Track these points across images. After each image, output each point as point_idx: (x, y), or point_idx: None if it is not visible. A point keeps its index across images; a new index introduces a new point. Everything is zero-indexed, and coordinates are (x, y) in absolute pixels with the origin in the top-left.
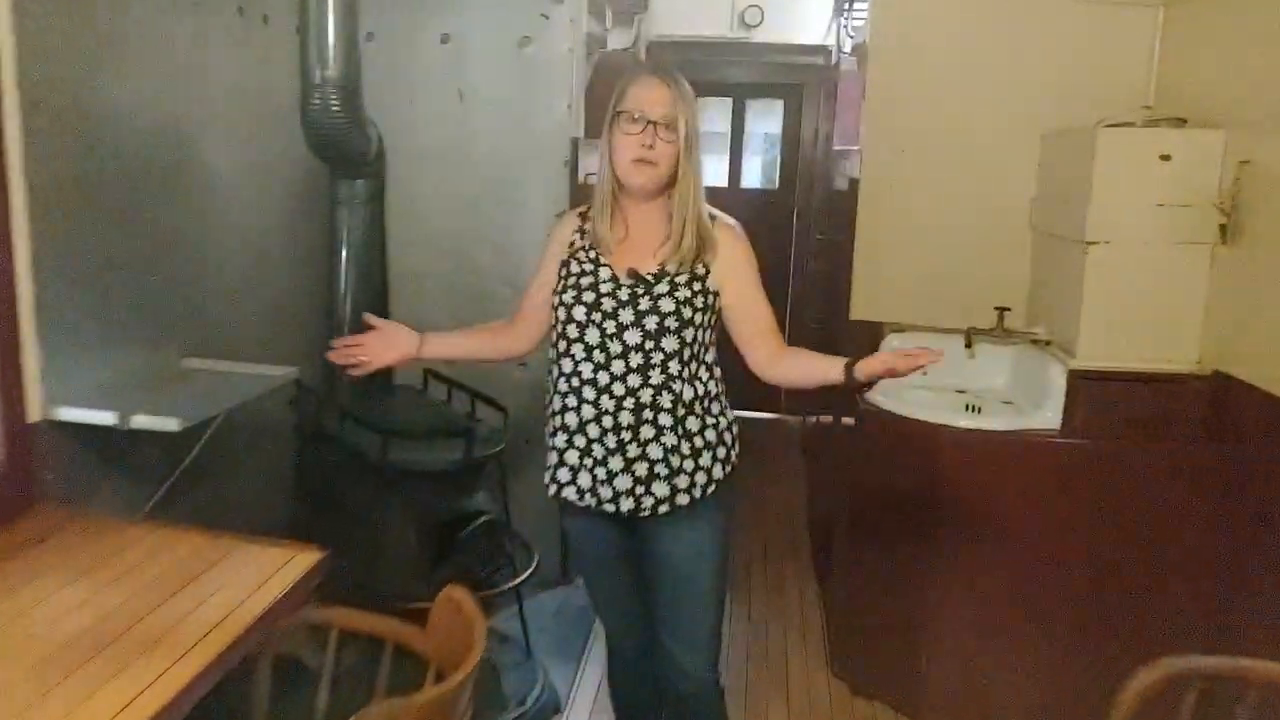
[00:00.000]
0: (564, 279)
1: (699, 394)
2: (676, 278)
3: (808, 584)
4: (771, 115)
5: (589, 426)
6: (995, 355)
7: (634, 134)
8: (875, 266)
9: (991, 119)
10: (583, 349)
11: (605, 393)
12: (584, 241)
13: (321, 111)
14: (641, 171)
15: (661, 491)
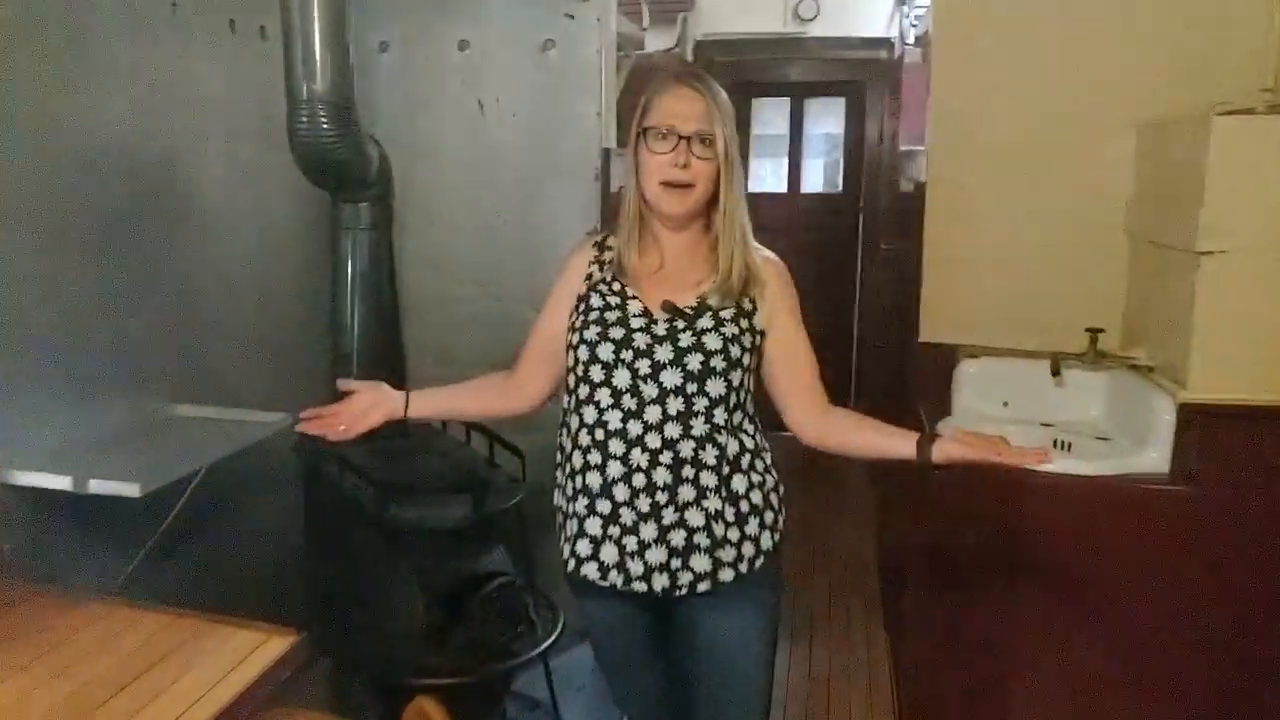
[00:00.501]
0: (583, 314)
1: (745, 448)
2: (721, 312)
3: (876, 633)
4: (832, 114)
5: (616, 488)
6: (1087, 384)
7: (664, 153)
8: (946, 282)
9: (1078, 109)
10: (609, 394)
11: (637, 446)
12: (604, 273)
13: (310, 130)
14: (674, 196)
15: (702, 565)
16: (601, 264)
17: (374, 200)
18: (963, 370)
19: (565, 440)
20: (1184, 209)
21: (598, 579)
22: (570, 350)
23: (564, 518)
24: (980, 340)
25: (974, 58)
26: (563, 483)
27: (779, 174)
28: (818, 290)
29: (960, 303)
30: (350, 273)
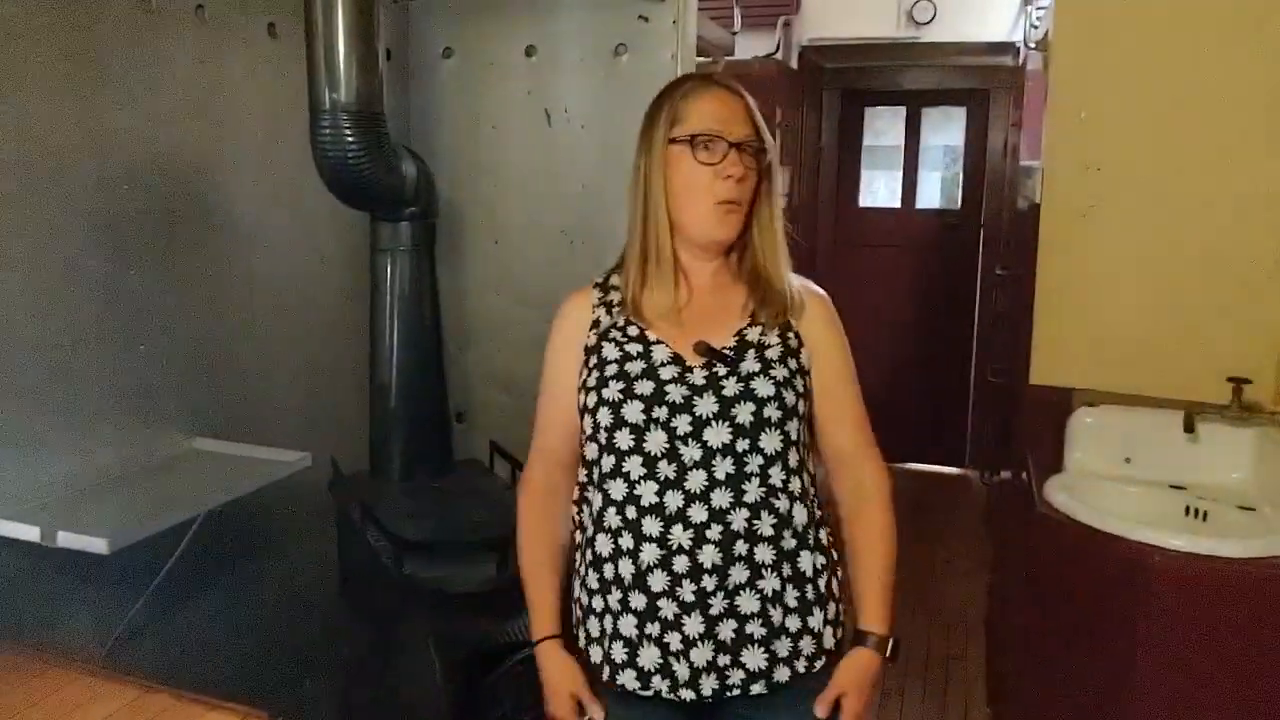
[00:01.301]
0: (597, 369)
1: (813, 517)
2: (767, 351)
3: (976, 710)
4: (952, 125)
5: (652, 576)
6: (1229, 441)
7: (712, 163)
8: (1063, 316)
9: (1226, 116)
10: (641, 463)
11: (678, 522)
12: (614, 319)
13: (333, 143)
14: (728, 220)
15: (755, 663)
16: (608, 306)
17: (413, 219)
18: (1078, 419)
19: (586, 521)
20: None
21: (638, 688)
22: (587, 415)
23: (585, 613)
24: (1101, 385)
25: (1099, 60)
26: (584, 573)
27: (893, 188)
28: (934, 315)
29: (1079, 341)
30: (389, 297)
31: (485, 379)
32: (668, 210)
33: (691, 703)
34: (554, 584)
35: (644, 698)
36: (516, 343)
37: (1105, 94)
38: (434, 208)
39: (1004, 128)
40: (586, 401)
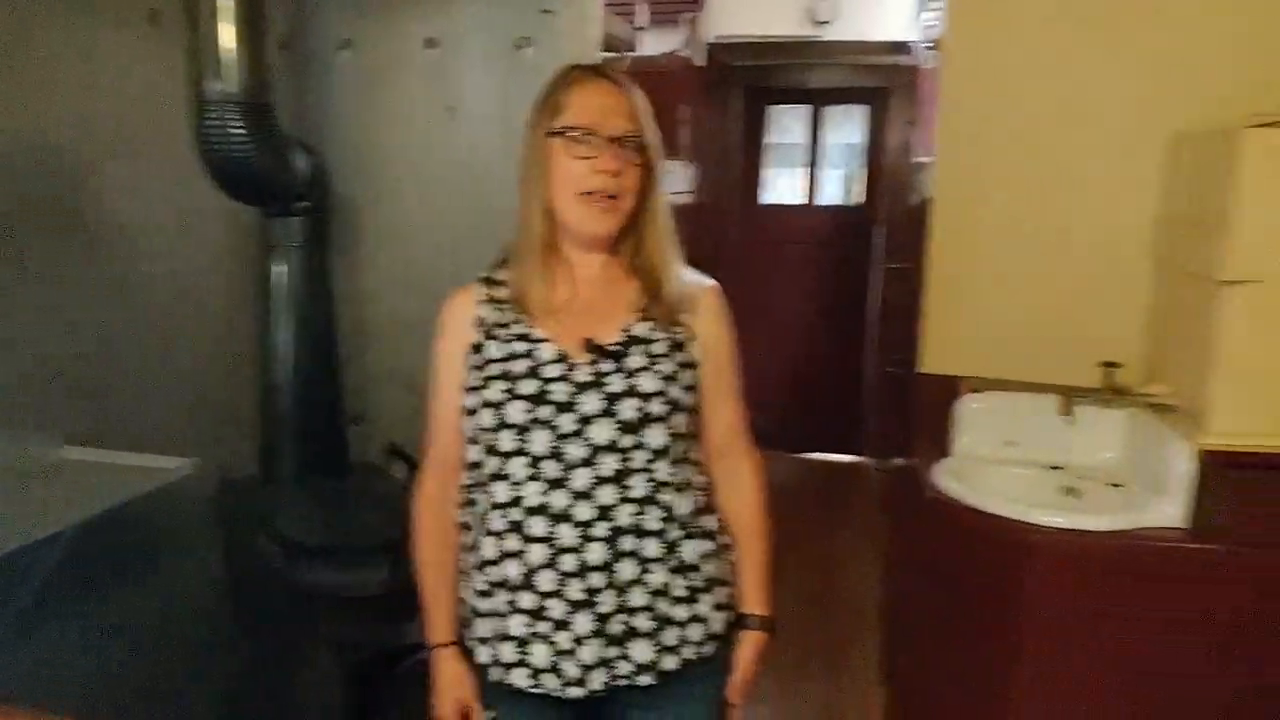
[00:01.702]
0: (479, 368)
1: (697, 505)
2: (652, 346)
3: (873, 689)
4: (853, 123)
5: (539, 576)
6: (1101, 422)
7: (585, 157)
8: (950, 307)
9: (1100, 119)
10: (525, 464)
11: (565, 521)
12: (499, 315)
13: (218, 134)
14: (598, 211)
15: (643, 655)
16: (495, 302)
17: (306, 214)
18: (964, 405)
19: (471, 524)
20: (1211, 232)
21: (528, 686)
22: (468, 417)
23: (473, 615)
24: (986, 372)
25: (988, 62)
26: (471, 575)
27: (795, 185)
28: (832, 309)
29: (965, 330)
30: (281, 295)
31: (385, 379)
32: (548, 201)
33: (582, 699)
34: (450, 587)
35: (533, 695)
36: (419, 341)
37: (993, 94)
38: (327, 202)
39: (902, 126)
40: (467, 403)
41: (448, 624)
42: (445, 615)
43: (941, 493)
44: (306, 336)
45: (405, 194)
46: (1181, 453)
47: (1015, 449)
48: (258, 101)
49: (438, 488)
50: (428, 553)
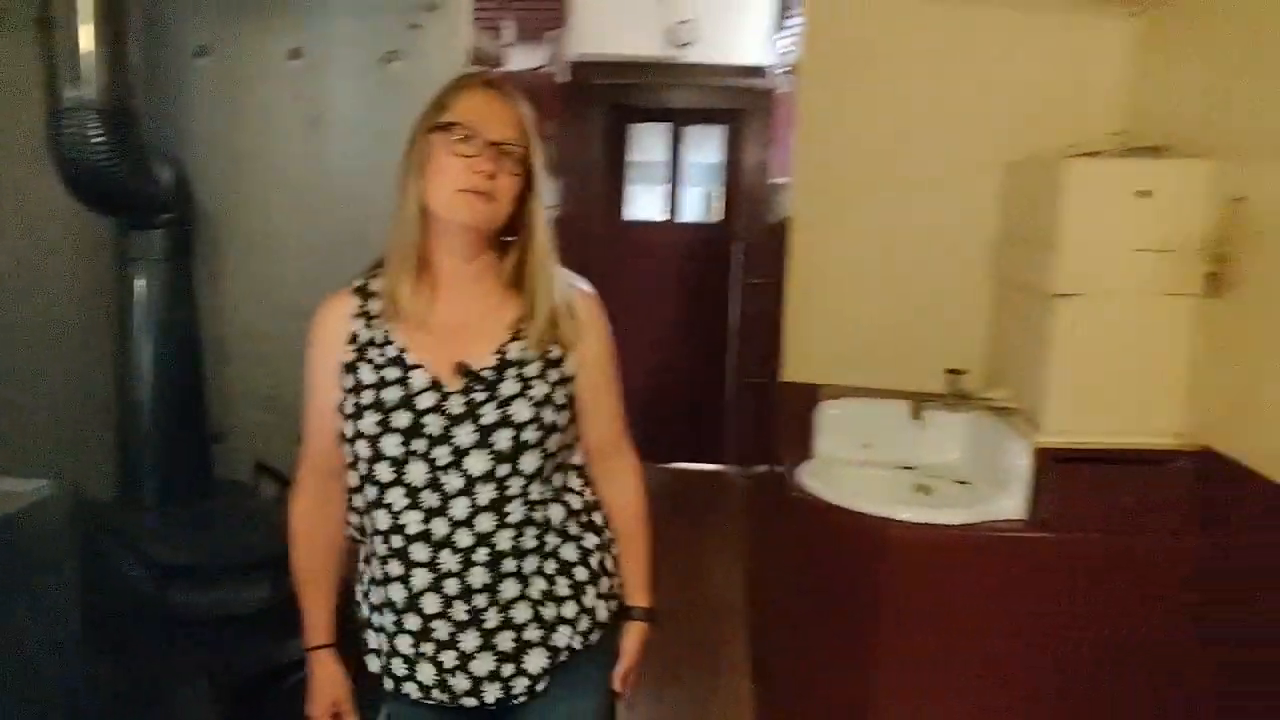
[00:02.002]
0: (355, 395)
1: (572, 510)
2: (525, 369)
3: (742, 684)
4: (711, 142)
5: (424, 600)
6: (948, 425)
7: (466, 155)
8: (810, 320)
9: (942, 147)
10: (403, 494)
11: (445, 548)
12: (372, 332)
13: (76, 142)
14: (473, 206)
15: (537, 664)
16: (368, 317)
17: (169, 225)
18: (824, 412)
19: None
20: (1041, 251)
21: (420, 698)
22: (345, 444)
23: (364, 625)
24: (843, 380)
25: (841, 91)
26: (365, 585)
27: (657, 202)
28: (693, 323)
29: (823, 342)
30: (141, 310)
31: (247, 397)
32: (424, 198)
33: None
34: (328, 592)
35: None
36: (283, 357)
37: (846, 120)
38: (192, 214)
39: (758, 146)
40: (345, 430)
41: (325, 627)
42: (322, 618)
43: (805, 492)
44: (168, 354)
45: (268, 206)
46: (1020, 451)
47: (871, 451)
48: (120, 108)
49: (315, 495)
50: (303, 560)
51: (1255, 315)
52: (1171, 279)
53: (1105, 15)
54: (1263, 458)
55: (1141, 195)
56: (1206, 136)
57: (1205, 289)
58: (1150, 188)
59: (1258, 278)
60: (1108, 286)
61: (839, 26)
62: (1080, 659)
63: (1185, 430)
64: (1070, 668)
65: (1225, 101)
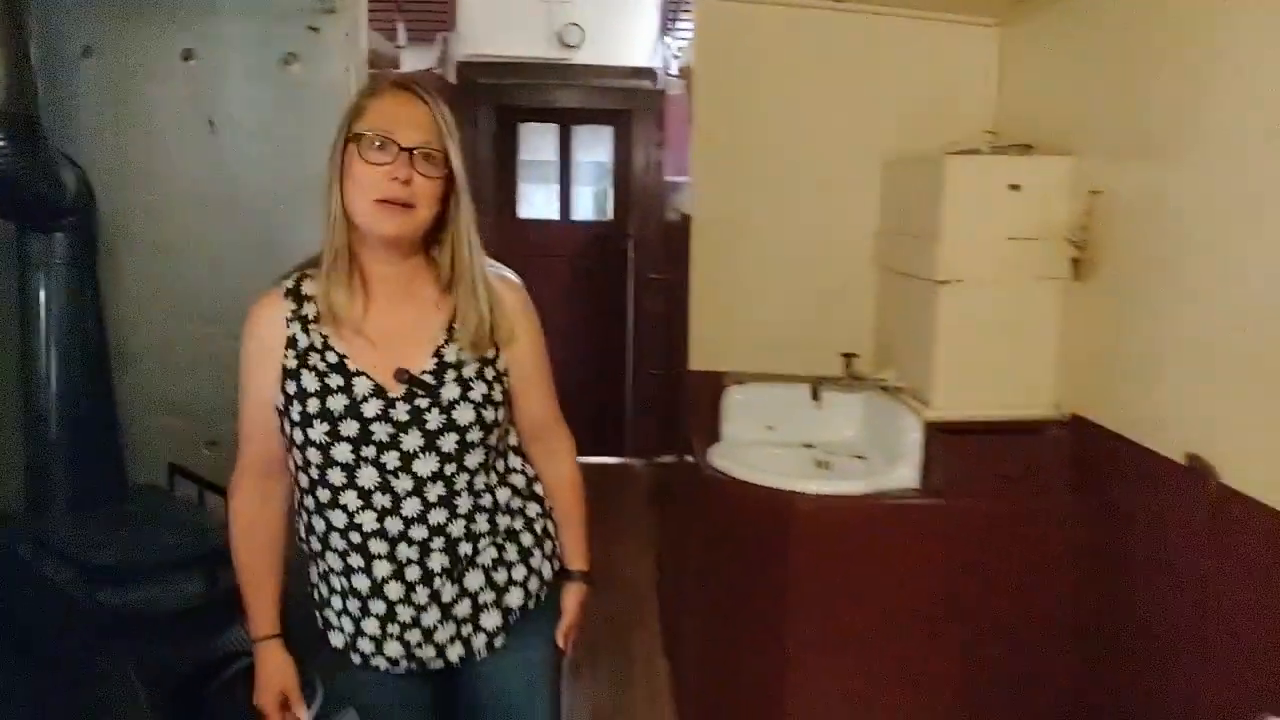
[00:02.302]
0: (300, 403)
1: (516, 489)
2: (464, 370)
3: (657, 660)
4: (601, 142)
5: (388, 587)
6: (844, 405)
7: (381, 164)
8: (714, 311)
9: (829, 147)
10: (356, 496)
11: (401, 541)
12: (310, 338)
13: None
14: (393, 217)
15: (493, 622)
16: (304, 321)
17: (72, 230)
18: (730, 397)
19: (312, 540)
20: (924, 242)
21: (389, 668)
22: (295, 449)
23: (327, 610)
24: (747, 367)
25: (733, 93)
26: (319, 576)
27: (550, 201)
28: (592, 318)
29: (727, 331)
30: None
31: (146, 404)
32: (346, 206)
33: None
34: (272, 586)
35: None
36: (183, 362)
37: (740, 122)
38: (95, 218)
39: (647, 146)
40: (294, 436)
41: (269, 619)
42: (267, 611)
43: (716, 471)
44: (74, 360)
45: (164, 210)
46: (911, 426)
47: (774, 432)
48: (23, 113)
49: (253, 491)
50: (245, 554)
51: (1111, 295)
52: (1041, 265)
53: (974, 24)
54: (1124, 422)
55: (1012, 189)
56: (1067, 135)
57: (1070, 273)
58: (1020, 182)
59: (1113, 262)
60: (984, 273)
61: (728, 33)
62: (972, 613)
63: (1058, 401)
64: (963, 622)
65: (1082, 104)
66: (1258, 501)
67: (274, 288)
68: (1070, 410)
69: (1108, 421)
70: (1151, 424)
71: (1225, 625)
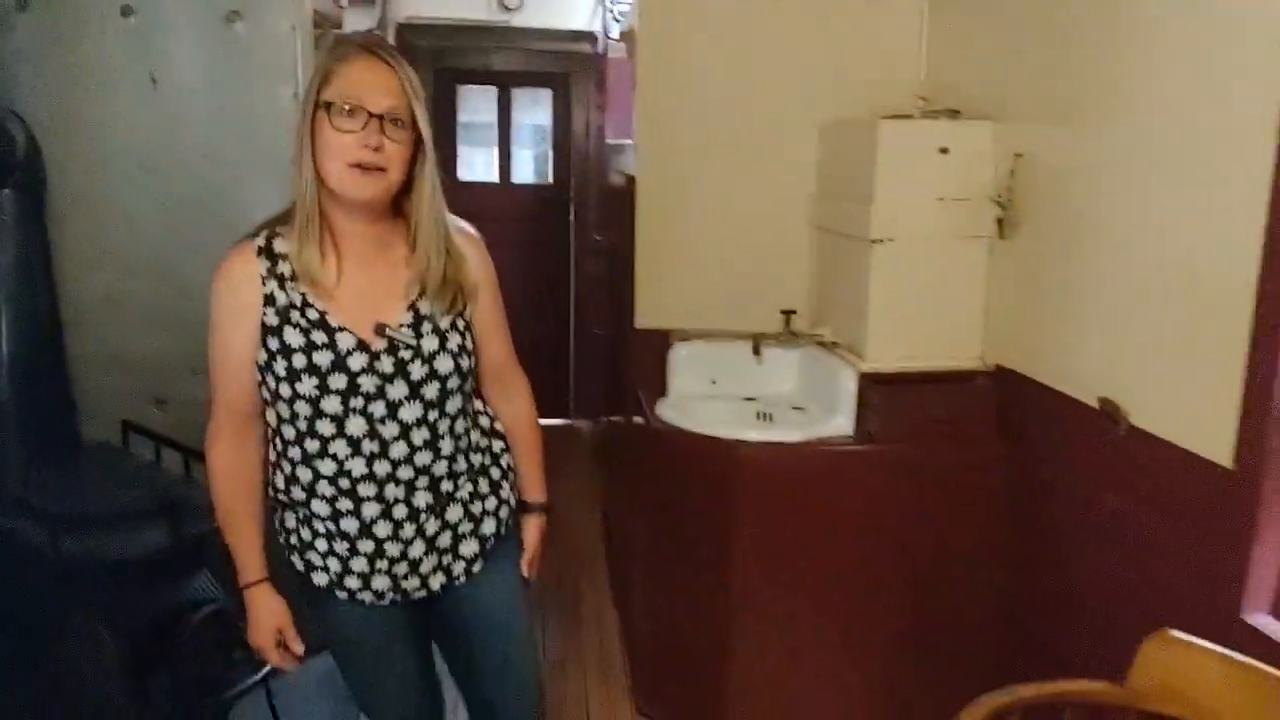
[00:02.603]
0: (285, 359)
1: (484, 428)
2: (440, 321)
3: (607, 612)
4: (540, 106)
5: (376, 526)
6: (784, 360)
7: (352, 130)
8: (658, 271)
9: (767, 111)
10: (346, 444)
11: (389, 482)
12: (289, 295)
13: None
14: (365, 181)
15: (470, 550)
16: (280, 279)
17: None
18: (675, 353)
19: (294, 490)
20: (858, 203)
21: (375, 601)
22: (282, 403)
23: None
24: (691, 324)
25: (676, 58)
26: (299, 522)
27: (489, 164)
28: (534, 280)
29: (672, 290)
30: None
31: (91, 362)
32: (317, 170)
33: None
34: (255, 530)
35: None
36: (128, 319)
37: (682, 85)
38: (43, 174)
39: (587, 109)
40: (280, 391)
41: (257, 563)
42: (253, 556)
43: (663, 423)
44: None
45: (107, 166)
46: (847, 377)
47: (718, 386)
48: None
49: (231, 440)
50: (229, 502)
51: (1031, 253)
52: (967, 224)
53: None
54: (1043, 371)
55: (941, 152)
56: (992, 101)
57: (995, 232)
58: (948, 145)
59: (1033, 221)
60: (915, 232)
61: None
62: (906, 550)
63: (983, 352)
64: (898, 558)
65: (1006, 71)
66: (1162, 439)
67: (242, 245)
68: (995, 361)
69: (1028, 371)
70: (1067, 372)
71: (1133, 553)
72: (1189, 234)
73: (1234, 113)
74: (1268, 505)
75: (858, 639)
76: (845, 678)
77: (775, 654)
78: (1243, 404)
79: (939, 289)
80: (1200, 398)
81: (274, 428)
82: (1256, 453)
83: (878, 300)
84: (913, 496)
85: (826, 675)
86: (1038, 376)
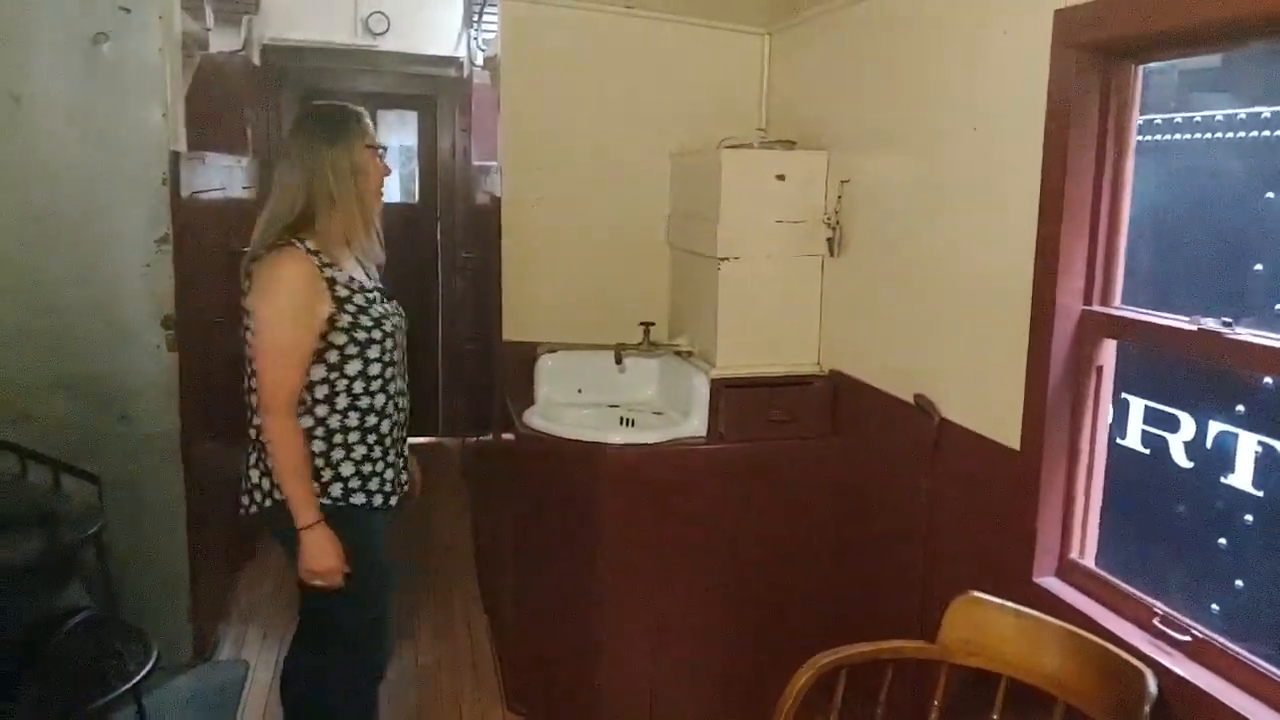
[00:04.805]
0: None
1: None
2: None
3: (477, 618)
4: (406, 127)
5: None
6: (644, 368)
7: (384, 165)
8: (525, 286)
9: (624, 137)
10: (395, 371)
11: (403, 395)
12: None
13: None
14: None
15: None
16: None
17: None
18: (542, 364)
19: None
20: (706, 224)
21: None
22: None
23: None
24: (557, 337)
25: (538, 85)
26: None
27: None
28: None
29: (538, 305)
30: None
31: None
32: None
33: None
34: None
35: None
36: None
37: (545, 111)
38: None
39: (451, 131)
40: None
41: (317, 506)
42: (314, 501)
43: (532, 430)
44: None
45: None
46: (700, 383)
47: (583, 394)
48: None
49: (290, 417)
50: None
51: (857, 269)
52: (803, 244)
53: (747, 32)
54: (869, 372)
55: (779, 179)
56: (822, 133)
57: (827, 250)
58: (785, 172)
59: (858, 240)
60: (757, 251)
61: (531, 31)
62: (754, 536)
63: (820, 358)
64: (747, 544)
65: (833, 105)
66: (966, 428)
67: (287, 250)
68: (829, 365)
69: (857, 373)
70: (889, 373)
71: (946, 527)
72: (981, 252)
73: (1007, 145)
74: (1047, 482)
75: (714, 625)
76: (704, 664)
77: (639, 646)
78: (1025, 396)
79: (780, 302)
80: (993, 392)
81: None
82: (1037, 436)
83: (726, 313)
84: (758, 487)
85: (686, 663)
86: (865, 378)
